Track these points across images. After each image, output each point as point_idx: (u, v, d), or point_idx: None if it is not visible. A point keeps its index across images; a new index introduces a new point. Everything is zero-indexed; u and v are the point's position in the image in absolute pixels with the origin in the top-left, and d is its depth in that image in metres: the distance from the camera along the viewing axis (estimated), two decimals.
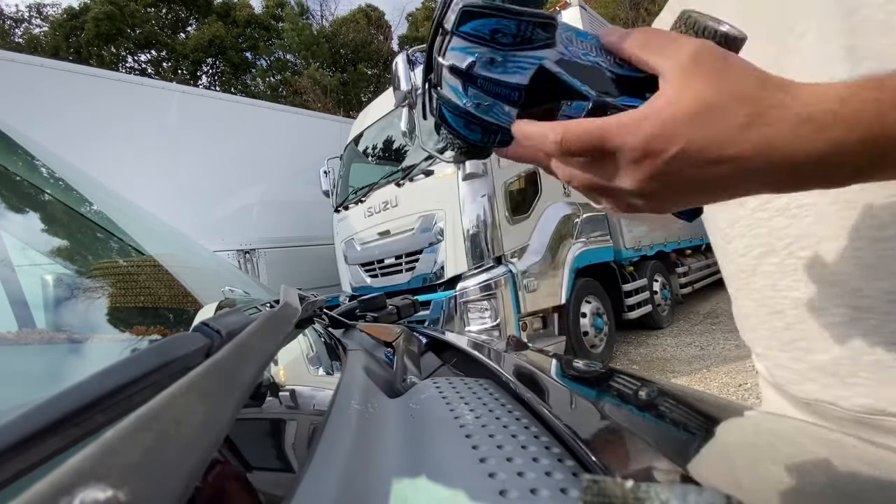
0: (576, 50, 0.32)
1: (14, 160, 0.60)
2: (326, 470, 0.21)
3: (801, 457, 0.27)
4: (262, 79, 20.59)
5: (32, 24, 18.29)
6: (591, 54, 0.33)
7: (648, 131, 0.26)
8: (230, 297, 0.67)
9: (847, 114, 0.24)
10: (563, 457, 0.22)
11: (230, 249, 4.54)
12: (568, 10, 4.51)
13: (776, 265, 0.46)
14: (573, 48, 0.32)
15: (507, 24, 0.32)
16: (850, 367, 0.42)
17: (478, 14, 0.32)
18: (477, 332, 2.93)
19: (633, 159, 0.27)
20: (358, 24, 21.71)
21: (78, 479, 0.09)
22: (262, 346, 0.24)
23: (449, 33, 0.33)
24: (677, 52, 0.27)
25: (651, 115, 0.27)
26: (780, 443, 0.29)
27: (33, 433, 0.15)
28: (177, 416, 0.13)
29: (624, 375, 0.39)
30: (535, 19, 0.32)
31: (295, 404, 0.39)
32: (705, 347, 3.82)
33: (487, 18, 0.32)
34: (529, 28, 0.32)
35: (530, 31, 0.32)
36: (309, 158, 5.16)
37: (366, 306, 0.90)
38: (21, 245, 0.54)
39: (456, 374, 0.43)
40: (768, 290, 0.47)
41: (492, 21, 0.32)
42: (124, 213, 0.72)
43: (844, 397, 0.43)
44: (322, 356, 0.59)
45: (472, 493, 0.18)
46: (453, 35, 0.33)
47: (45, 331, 0.46)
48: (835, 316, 0.42)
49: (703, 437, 0.28)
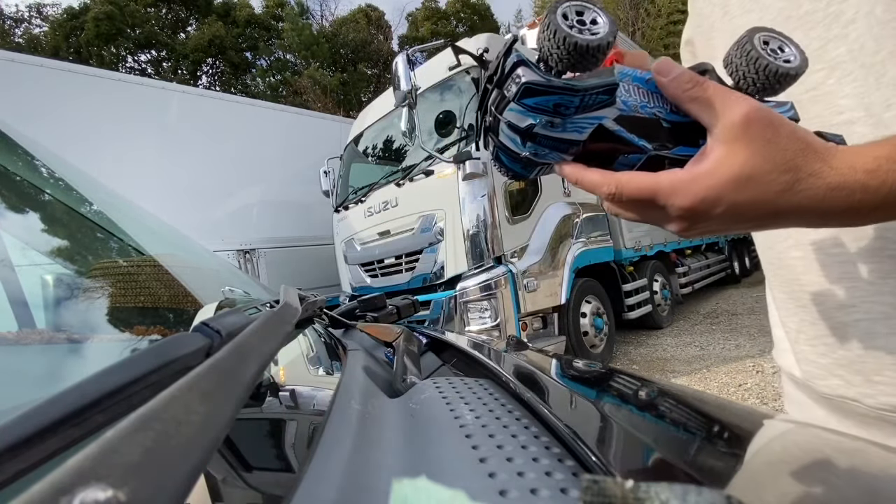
0: (634, 102, 0.32)
1: (14, 160, 0.60)
2: (326, 470, 0.21)
3: (812, 462, 0.27)
4: (262, 79, 20.58)
5: (32, 24, 18.28)
6: (649, 105, 0.32)
7: (697, 194, 0.29)
8: (230, 297, 0.67)
9: (873, 185, 0.27)
10: (563, 457, 0.22)
11: (230, 249, 4.54)
12: None
13: (800, 259, 0.46)
14: (631, 100, 0.32)
15: (571, 100, 0.31)
16: (875, 365, 0.42)
17: (541, 92, 0.31)
18: (477, 332, 2.93)
19: (680, 215, 0.30)
20: (358, 24, 21.70)
21: (78, 479, 0.09)
22: (262, 346, 0.24)
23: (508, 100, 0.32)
24: (728, 114, 0.29)
25: (700, 177, 0.29)
26: (795, 449, 0.29)
27: (33, 433, 0.15)
28: (177, 416, 0.13)
29: (624, 375, 0.39)
30: (599, 89, 0.31)
31: (295, 404, 0.39)
32: (705, 347, 3.82)
33: (551, 95, 0.31)
34: (592, 98, 0.31)
35: (592, 100, 0.32)
36: (309, 158, 5.16)
37: (366, 306, 0.90)
38: (21, 245, 0.54)
39: (456, 374, 0.43)
40: (795, 283, 0.48)
41: (555, 97, 0.31)
42: (124, 213, 0.72)
43: (869, 395, 0.43)
44: (322, 356, 0.59)
45: (472, 493, 0.18)
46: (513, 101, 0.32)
47: (45, 331, 0.46)
48: (860, 313, 0.42)
49: (705, 437, 0.28)
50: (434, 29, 21.65)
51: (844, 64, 0.39)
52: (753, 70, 0.32)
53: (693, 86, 0.31)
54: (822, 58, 0.41)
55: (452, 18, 23.45)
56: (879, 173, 0.27)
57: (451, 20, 23.32)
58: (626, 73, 0.33)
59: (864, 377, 0.43)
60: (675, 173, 0.30)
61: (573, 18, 0.31)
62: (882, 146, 0.28)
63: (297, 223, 5.24)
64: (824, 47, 0.40)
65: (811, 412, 0.52)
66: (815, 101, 0.42)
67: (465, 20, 23.34)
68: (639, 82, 0.33)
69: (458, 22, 23.37)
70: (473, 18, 23.23)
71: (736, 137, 0.28)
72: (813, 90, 0.42)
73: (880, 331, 0.41)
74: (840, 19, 0.39)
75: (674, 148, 0.32)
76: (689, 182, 0.29)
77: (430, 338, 0.60)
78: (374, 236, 3.63)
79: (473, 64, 3.02)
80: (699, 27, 0.55)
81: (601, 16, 0.31)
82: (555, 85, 0.31)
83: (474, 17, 23.24)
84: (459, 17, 23.47)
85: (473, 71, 3.09)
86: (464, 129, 3.09)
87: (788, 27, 0.42)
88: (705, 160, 0.29)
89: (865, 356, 0.43)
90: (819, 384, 0.49)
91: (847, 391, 0.45)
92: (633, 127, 0.32)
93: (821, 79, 0.41)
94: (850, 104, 0.39)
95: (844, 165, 0.28)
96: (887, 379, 0.42)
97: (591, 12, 0.31)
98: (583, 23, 0.31)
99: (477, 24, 22.58)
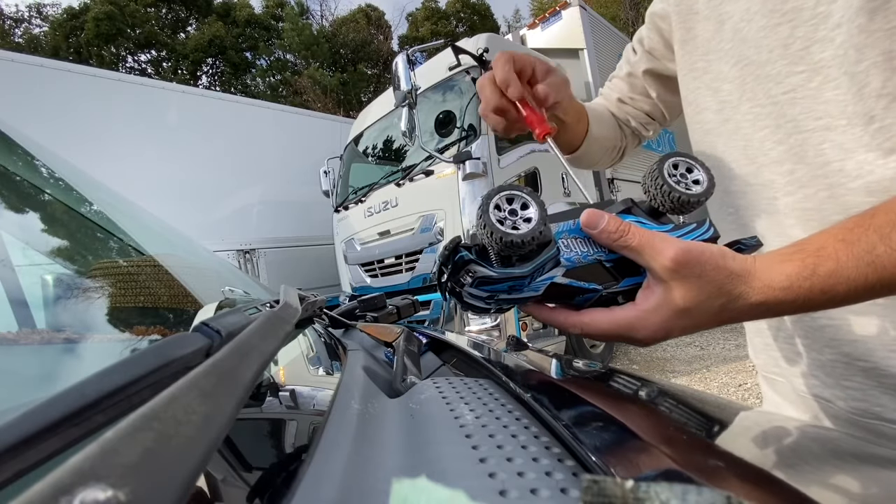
0: (576, 255, 0.36)
1: (14, 160, 0.60)
2: (326, 470, 0.21)
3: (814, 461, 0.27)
4: (262, 79, 20.58)
5: (32, 24, 18.28)
6: (589, 252, 0.36)
7: (649, 328, 0.34)
8: (230, 297, 0.67)
9: (789, 299, 0.31)
10: (563, 457, 0.22)
11: (230, 249, 4.54)
12: (568, 10, 4.50)
13: None
14: (573, 255, 0.36)
15: (522, 281, 0.35)
16: (844, 370, 0.42)
17: (493, 281, 0.34)
18: (477, 332, 2.93)
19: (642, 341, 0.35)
20: (358, 24, 21.70)
21: (78, 479, 0.09)
22: (262, 346, 0.24)
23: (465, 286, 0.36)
24: (658, 258, 0.33)
25: (650, 315, 0.34)
26: (796, 448, 0.29)
27: (33, 433, 0.15)
28: (177, 416, 0.13)
29: (624, 375, 0.39)
30: (544, 263, 0.35)
31: (295, 404, 0.39)
32: (705, 347, 3.82)
33: (502, 283, 0.35)
34: (539, 272, 0.35)
35: (540, 272, 0.35)
36: (309, 158, 5.15)
37: (366, 306, 0.90)
38: (21, 245, 0.54)
39: (456, 374, 0.43)
40: None
41: (507, 282, 0.35)
42: (124, 213, 0.72)
43: (840, 397, 0.43)
44: (322, 356, 0.59)
45: (472, 493, 0.18)
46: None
47: (45, 331, 0.46)
48: (825, 319, 0.43)
49: (705, 437, 0.28)
50: (434, 29, 21.65)
51: (829, 69, 0.38)
52: (661, 197, 0.37)
53: (620, 236, 0.34)
54: (804, 59, 0.39)
55: (452, 18, 23.44)
56: (793, 290, 0.31)
57: (451, 20, 23.32)
58: (561, 231, 0.36)
59: (835, 380, 0.44)
60: (628, 311, 0.35)
61: (506, 209, 0.34)
62: (791, 262, 0.32)
63: (297, 223, 5.23)
64: (808, 48, 0.39)
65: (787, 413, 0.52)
66: (793, 103, 0.41)
67: (465, 20, 23.34)
68: (575, 233, 0.37)
69: (458, 22, 23.36)
70: (473, 18, 23.23)
71: (671, 278, 0.33)
72: (792, 92, 0.41)
73: (844, 337, 0.41)
74: (828, 21, 0.37)
75: (621, 281, 0.37)
76: (643, 320, 0.34)
77: (430, 338, 0.60)
78: (374, 236, 3.63)
79: (473, 64, 3.02)
80: (678, 6, 0.54)
81: (531, 200, 0.34)
82: (505, 276, 0.34)
83: (474, 17, 23.24)
84: (459, 17, 23.47)
85: (473, 71, 3.09)
86: (464, 129, 3.09)
87: (772, 21, 0.41)
88: (651, 298, 0.34)
89: (835, 361, 0.43)
90: (797, 382, 0.49)
91: (822, 391, 0.46)
92: (580, 276, 0.36)
93: (802, 81, 0.40)
94: (830, 110, 0.38)
95: (762, 285, 0.32)
96: (855, 384, 0.42)
97: (519, 198, 0.35)
98: (514, 212, 0.34)
99: (477, 24, 22.58)
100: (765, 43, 0.42)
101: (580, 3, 4.41)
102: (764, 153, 0.44)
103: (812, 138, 0.40)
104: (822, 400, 0.46)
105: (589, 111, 0.64)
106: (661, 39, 0.60)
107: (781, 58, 0.41)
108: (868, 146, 0.36)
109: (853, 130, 0.37)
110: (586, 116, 0.63)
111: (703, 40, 0.50)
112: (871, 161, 0.36)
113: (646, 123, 0.69)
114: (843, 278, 0.30)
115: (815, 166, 0.40)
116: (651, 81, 0.64)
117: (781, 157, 0.43)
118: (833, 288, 0.30)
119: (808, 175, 0.41)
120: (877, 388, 0.40)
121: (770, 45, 0.42)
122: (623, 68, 0.68)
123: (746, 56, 0.44)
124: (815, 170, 0.40)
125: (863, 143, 0.36)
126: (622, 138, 0.70)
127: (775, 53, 0.41)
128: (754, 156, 0.45)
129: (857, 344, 0.41)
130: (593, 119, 0.64)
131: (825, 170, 0.39)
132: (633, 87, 0.67)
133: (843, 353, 0.42)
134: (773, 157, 0.43)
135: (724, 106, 0.48)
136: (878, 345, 0.39)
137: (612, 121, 0.69)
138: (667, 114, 0.67)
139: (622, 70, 0.68)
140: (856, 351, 0.41)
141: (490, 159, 3.00)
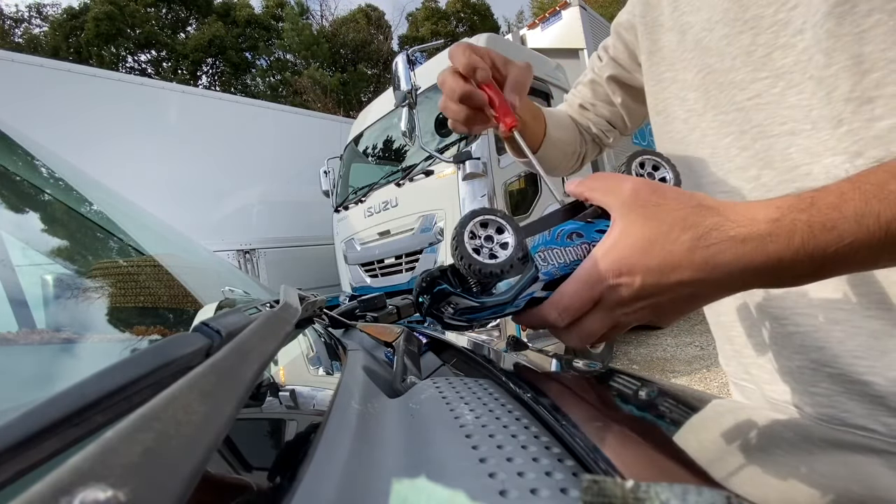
0: (553, 268, 0.35)
1: (14, 160, 0.60)
2: (326, 470, 0.21)
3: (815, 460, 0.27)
4: (262, 79, 20.58)
5: (32, 24, 18.28)
6: (566, 263, 0.35)
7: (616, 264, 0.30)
8: (230, 297, 0.67)
9: (782, 235, 0.26)
10: (563, 457, 0.22)
11: (230, 249, 4.54)
12: (568, 10, 4.50)
13: None
14: (550, 267, 0.35)
15: (504, 307, 0.35)
16: (811, 376, 0.42)
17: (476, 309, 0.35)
18: (477, 332, 2.93)
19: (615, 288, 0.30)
20: (358, 24, 21.71)
21: (78, 479, 0.09)
22: (262, 346, 0.24)
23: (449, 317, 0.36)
24: (618, 192, 0.31)
25: (609, 250, 0.30)
26: (796, 447, 0.29)
27: (33, 433, 0.15)
28: (177, 416, 0.13)
29: (624, 375, 0.39)
30: (524, 285, 0.34)
31: (295, 404, 0.39)
32: (705, 347, 3.82)
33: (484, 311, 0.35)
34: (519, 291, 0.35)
35: (520, 291, 0.35)
36: (309, 158, 5.16)
37: (366, 306, 0.90)
38: (21, 245, 0.54)
39: (456, 374, 0.43)
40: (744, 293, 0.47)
41: (489, 310, 0.35)
42: (124, 213, 0.72)
43: (808, 403, 0.44)
44: (322, 356, 0.59)
45: (472, 493, 0.18)
46: None
47: (46, 331, 0.46)
48: (792, 326, 0.43)
49: (704, 436, 0.28)
50: (434, 29, 21.66)
51: (791, 74, 0.38)
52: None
53: (594, 179, 0.34)
54: (767, 66, 0.40)
55: (452, 18, 23.45)
56: (784, 223, 0.26)
57: (451, 20, 23.32)
58: (537, 245, 0.36)
59: (803, 386, 0.44)
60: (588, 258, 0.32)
61: (481, 235, 0.34)
62: (785, 197, 0.28)
63: (297, 223, 5.24)
64: (770, 55, 0.39)
65: None
66: (758, 108, 0.41)
67: (465, 20, 23.34)
68: (551, 244, 0.36)
69: (458, 22, 23.36)
70: (473, 18, 23.23)
71: (629, 209, 0.30)
72: (756, 97, 0.41)
73: (812, 344, 0.41)
74: (788, 28, 0.38)
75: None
76: (603, 255, 0.31)
77: (430, 338, 0.60)
78: (374, 236, 3.63)
79: None
80: (644, 17, 0.54)
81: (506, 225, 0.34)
82: (486, 305, 0.34)
83: (474, 17, 23.24)
84: (459, 17, 23.47)
85: None
86: None
87: (734, 30, 0.42)
88: (611, 234, 0.31)
89: (803, 367, 0.43)
90: (767, 388, 0.49)
91: (791, 397, 0.46)
92: (557, 285, 0.35)
93: (765, 87, 0.40)
94: (794, 115, 0.38)
95: (744, 218, 0.28)
96: (822, 391, 0.42)
97: (493, 223, 0.35)
98: (490, 238, 0.34)
99: (477, 24, 22.58)
100: (728, 51, 0.43)
101: (580, 3, 4.41)
102: (729, 160, 0.44)
103: (778, 143, 0.40)
104: (790, 406, 0.46)
105: (547, 114, 0.63)
106: (625, 49, 0.60)
107: (745, 65, 0.41)
108: (835, 150, 0.36)
109: (819, 135, 0.37)
110: (542, 116, 0.62)
111: (668, 51, 0.51)
112: (839, 164, 0.36)
113: (606, 131, 0.68)
114: (849, 212, 0.25)
115: (783, 171, 0.40)
116: (615, 88, 0.64)
117: (746, 162, 0.43)
118: (838, 224, 0.25)
119: (776, 180, 0.41)
120: (843, 395, 0.40)
121: (733, 52, 0.42)
122: (587, 75, 0.68)
123: (709, 64, 0.45)
124: (782, 174, 0.40)
125: (829, 147, 0.36)
126: (582, 143, 0.69)
127: (739, 61, 0.42)
128: (720, 163, 0.45)
129: (824, 350, 0.41)
130: (551, 121, 0.63)
131: (793, 174, 0.39)
132: (595, 94, 0.67)
133: (810, 360, 0.42)
134: (739, 164, 0.43)
135: (690, 115, 0.48)
136: (843, 350, 0.39)
137: (572, 125, 0.68)
138: (628, 121, 0.67)
139: (586, 76, 0.68)
140: (823, 357, 0.41)
141: (490, 159, 3.00)
